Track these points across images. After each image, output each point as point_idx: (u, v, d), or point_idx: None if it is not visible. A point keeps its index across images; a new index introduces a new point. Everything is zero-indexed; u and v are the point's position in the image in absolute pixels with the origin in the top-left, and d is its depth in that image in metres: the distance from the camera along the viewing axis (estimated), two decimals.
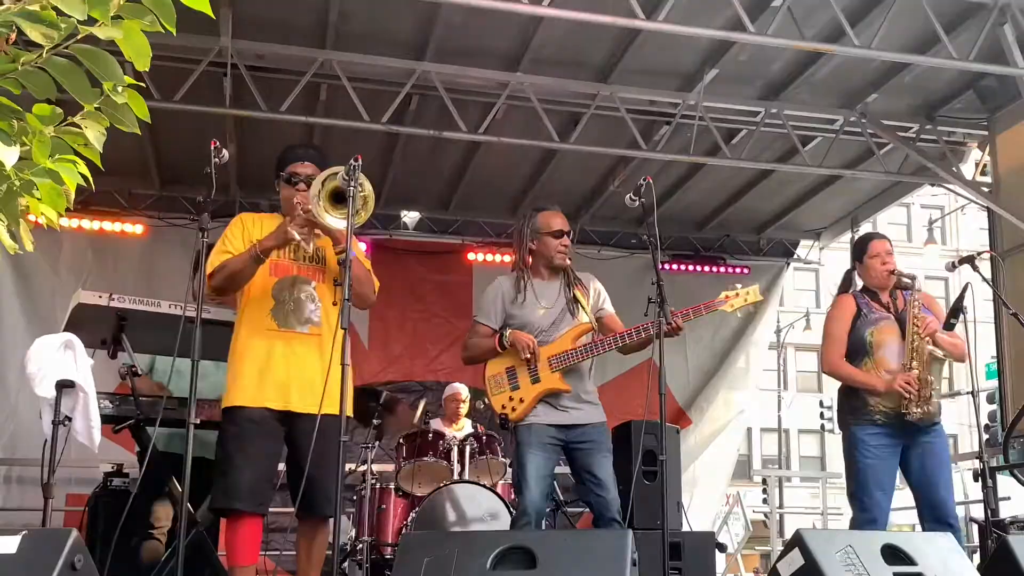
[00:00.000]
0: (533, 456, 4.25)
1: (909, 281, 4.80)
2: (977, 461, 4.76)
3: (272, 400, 3.85)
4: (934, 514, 4.62)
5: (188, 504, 3.63)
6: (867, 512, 4.66)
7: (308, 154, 4.14)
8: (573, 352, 4.31)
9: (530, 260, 4.51)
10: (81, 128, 1.99)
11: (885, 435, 4.69)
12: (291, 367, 3.88)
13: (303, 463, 3.74)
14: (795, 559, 3.30)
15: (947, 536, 3.70)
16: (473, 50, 7.36)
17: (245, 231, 3.99)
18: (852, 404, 4.81)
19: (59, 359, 4.02)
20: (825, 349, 4.94)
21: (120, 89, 1.97)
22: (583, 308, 4.45)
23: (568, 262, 4.51)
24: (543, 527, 4.69)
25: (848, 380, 4.86)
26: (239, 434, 3.81)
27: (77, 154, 2.04)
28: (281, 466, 4.00)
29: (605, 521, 4.20)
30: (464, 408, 7.55)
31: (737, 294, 4.31)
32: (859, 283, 5.08)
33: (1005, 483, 8.06)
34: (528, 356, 4.28)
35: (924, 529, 4.53)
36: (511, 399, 4.33)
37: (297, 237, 3.82)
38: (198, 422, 3.57)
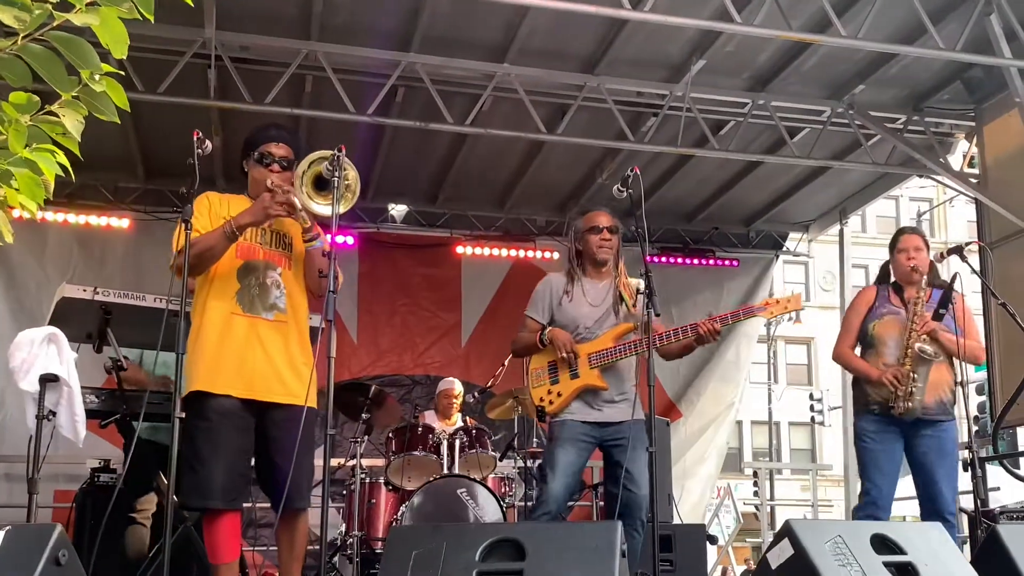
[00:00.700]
0: (563, 451, 4.36)
1: (923, 278, 4.78)
2: (966, 452, 4.78)
3: (236, 387, 3.71)
4: (930, 506, 4.72)
5: (175, 498, 3.60)
6: (867, 495, 4.81)
7: (281, 135, 4.01)
8: (612, 350, 4.40)
9: (577, 261, 4.66)
10: (59, 117, 1.96)
11: (884, 423, 4.82)
12: (256, 354, 3.75)
13: (274, 455, 3.72)
14: (785, 549, 3.29)
15: (937, 526, 3.69)
16: (459, 41, 7.32)
17: (212, 210, 3.86)
18: (856, 394, 5.01)
19: (43, 353, 3.97)
20: (837, 337, 5.14)
21: (98, 77, 1.94)
22: (629, 309, 4.51)
23: (608, 256, 4.61)
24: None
25: (849, 368, 5.09)
26: (208, 428, 3.67)
27: (56, 143, 2.00)
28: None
29: (631, 520, 4.19)
30: (458, 403, 7.53)
31: (778, 301, 4.45)
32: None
33: (994, 473, 8.08)
34: (564, 355, 4.37)
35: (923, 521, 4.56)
36: (549, 392, 4.45)
37: (290, 210, 3.72)
38: (183, 415, 3.54)
